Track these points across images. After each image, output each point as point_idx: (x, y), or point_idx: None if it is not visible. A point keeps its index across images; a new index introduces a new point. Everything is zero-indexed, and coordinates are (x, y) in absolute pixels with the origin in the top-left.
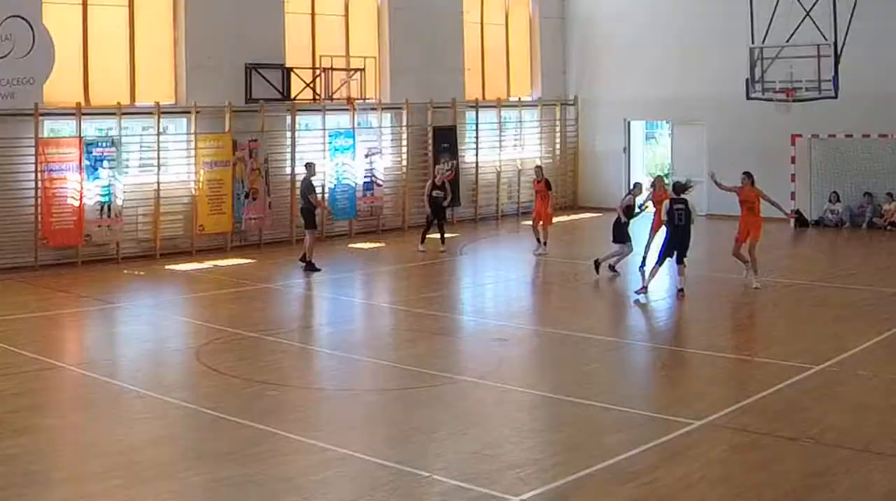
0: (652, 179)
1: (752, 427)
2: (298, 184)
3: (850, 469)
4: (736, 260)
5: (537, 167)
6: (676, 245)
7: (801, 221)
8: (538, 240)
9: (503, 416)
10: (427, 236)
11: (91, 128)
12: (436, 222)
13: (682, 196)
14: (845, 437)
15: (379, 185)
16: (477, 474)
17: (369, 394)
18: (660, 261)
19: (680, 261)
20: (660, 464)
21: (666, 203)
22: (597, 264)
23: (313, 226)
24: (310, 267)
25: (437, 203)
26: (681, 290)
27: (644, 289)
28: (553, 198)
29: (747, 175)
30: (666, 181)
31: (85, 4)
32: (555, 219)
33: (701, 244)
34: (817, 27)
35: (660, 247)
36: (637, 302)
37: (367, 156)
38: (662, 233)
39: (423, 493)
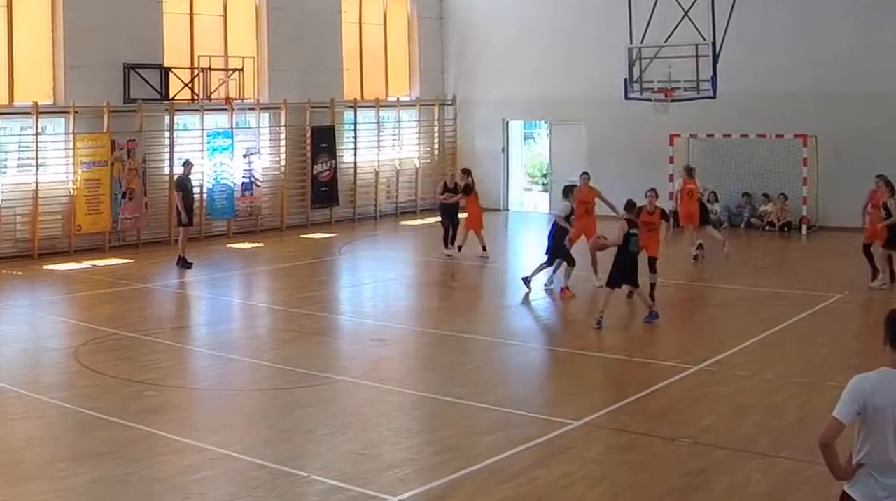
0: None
1: (631, 427)
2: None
3: (729, 469)
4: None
5: (464, 169)
6: (623, 272)
7: (679, 221)
8: (459, 246)
9: (381, 416)
10: (444, 238)
11: None
12: (451, 225)
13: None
14: (724, 437)
15: (257, 185)
16: (355, 474)
17: (248, 394)
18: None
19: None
20: (538, 464)
21: (622, 225)
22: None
23: (187, 222)
24: (182, 264)
25: (449, 206)
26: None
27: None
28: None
29: (586, 175)
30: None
31: None
32: (434, 220)
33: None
34: (696, 27)
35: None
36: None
37: (245, 156)
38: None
39: (302, 493)
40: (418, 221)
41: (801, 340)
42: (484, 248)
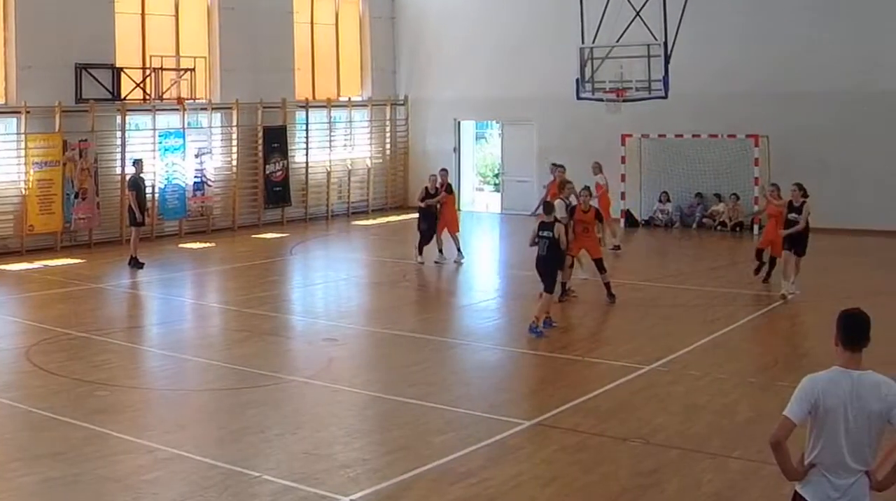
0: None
1: (583, 427)
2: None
3: (681, 470)
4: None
5: (443, 169)
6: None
7: (630, 221)
8: (440, 249)
9: (333, 416)
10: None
11: None
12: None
13: (550, 220)
14: (675, 437)
15: (209, 185)
16: (307, 474)
17: (199, 394)
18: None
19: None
20: (490, 464)
21: (534, 230)
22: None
23: (138, 222)
24: (134, 264)
25: (428, 211)
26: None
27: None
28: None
29: (558, 166)
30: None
31: None
32: (386, 220)
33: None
34: (647, 27)
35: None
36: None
37: (197, 156)
38: None
39: (254, 493)
40: (370, 221)
41: (752, 340)
42: (459, 251)
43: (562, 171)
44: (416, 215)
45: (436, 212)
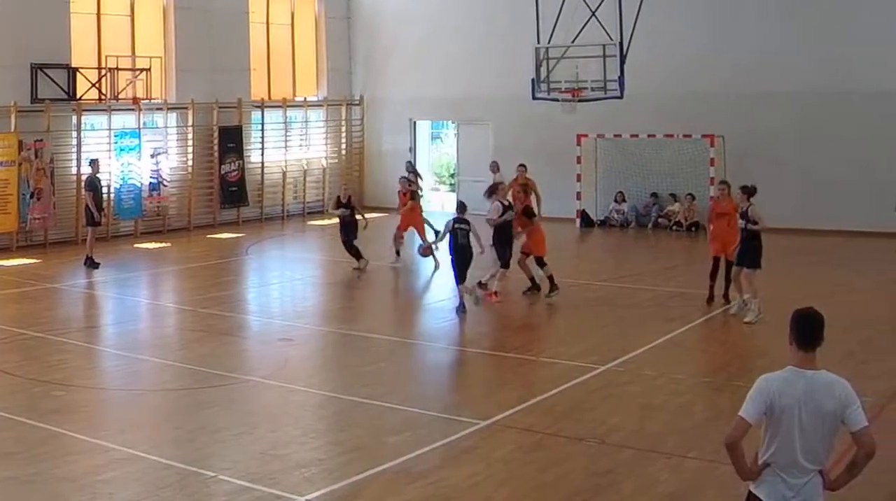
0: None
1: (538, 427)
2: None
3: (636, 469)
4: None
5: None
6: (457, 265)
7: (586, 221)
8: (397, 251)
9: (289, 416)
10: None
11: None
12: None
13: (465, 216)
14: (631, 437)
15: (165, 185)
16: (263, 474)
17: (155, 394)
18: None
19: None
20: (445, 464)
21: (449, 222)
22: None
23: (95, 222)
24: (90, 264)
25: (344, 221)
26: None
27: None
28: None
29: (523, 167)
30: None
31: None
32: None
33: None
34: (603, 27)
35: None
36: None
37: (153, 156)
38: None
39: (210, 493)
40: (325, 221)
41: (708, 340)
42: (398, 253)
43: (523, 171)
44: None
45: (355, 225)
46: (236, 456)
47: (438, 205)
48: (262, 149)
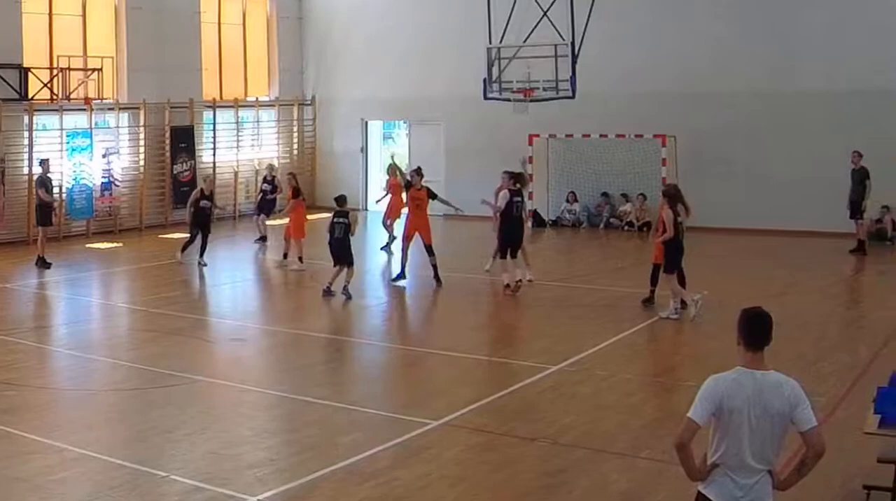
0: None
1: (490, 427)
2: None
3: (588, 469)
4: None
5: (290, 173)
6: (335, 255)
7: (538, 221)
8: (300, 256)
9: (240, 416)
10: (187, 244)
11: None
12: (200, 234)
13: (344, 209)
14: (583, 437)
15: (117, 185)
16: (214, 474)
17: (107, 394)
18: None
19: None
20: (397, 464)
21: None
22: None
23: (46, 222)
24: (41, 264)
25: (205, 214)
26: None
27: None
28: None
29: (417, 172)
30: (400, 168)
31: None
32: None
33: (437, 245)
34: (555, 27)
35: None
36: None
37: (104, 156)
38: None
39: (161, 493)
40: (277, 221)
41: (659, 340)
42: (300, 259)
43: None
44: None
45: (209, 217)
46: (188, 456)
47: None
48: (214, 149)
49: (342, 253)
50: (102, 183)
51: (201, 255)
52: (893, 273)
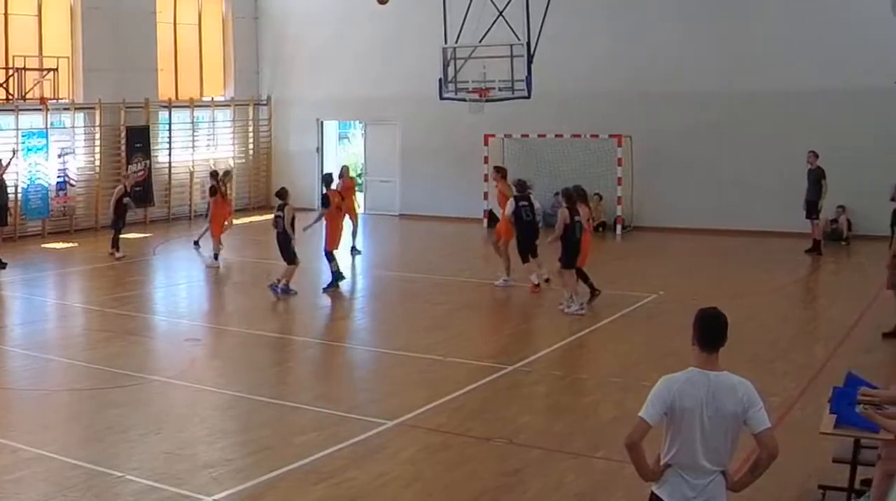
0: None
1: (445, 427)
2: None
3: (543, 469)
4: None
5: (212, 172)
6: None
7: (492, 220)
8: (215, 254)
9: (196, 416)
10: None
11: None
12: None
13: (283, 202)
14: (538, 437)
15: (72, 185)
16: (170, 474)
17: (62, 394)
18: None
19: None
20: (353, 464)
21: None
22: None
23: (1, 222)
24: None
25: (126, 210)
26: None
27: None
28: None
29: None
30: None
31: None
32: (248, 220)
33: (393, 245)
34: (510, 27)
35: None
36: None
37: (60, 156)
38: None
39: (117, 493)
40: (234, 221)
41: (615, 340)
42: (216, 257)
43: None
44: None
45: (125, 211)
46: (144, 456)
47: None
48: (170, 149)
49: (280, 249)
50: (58, 183)
51: (117, 248)
52: (848, 272)
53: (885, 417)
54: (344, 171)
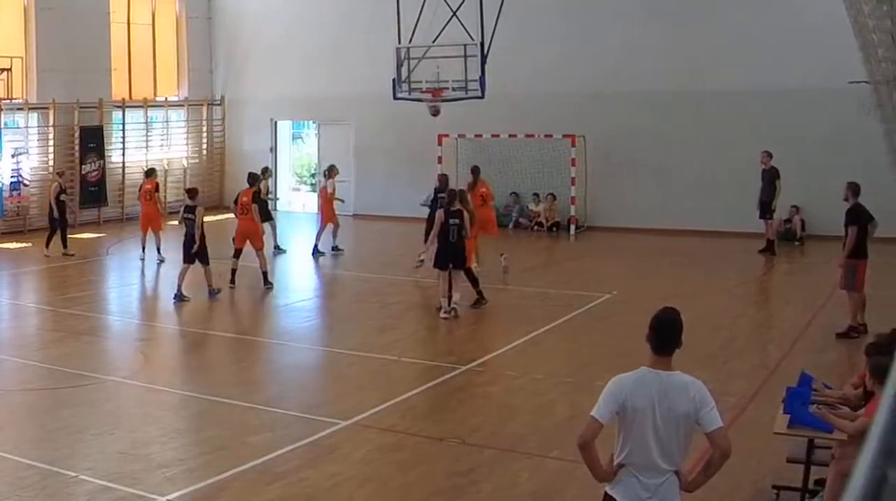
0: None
1: (399, 427)
2: None
3: (497, 469)
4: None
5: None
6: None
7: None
8: (149, 249)
9: (150, 416)
10: (61, 239)
11: None
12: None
13: (193, 203)
14: (491, 437)
15: (26, 185)
16: (124, 473)
17: (15, 394)
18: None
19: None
20: (306, 464)
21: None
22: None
23: None
24: None
25: (63, 208)
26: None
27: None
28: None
29: (251, 177)
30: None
31: None
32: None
33: (348, 245)
34: (464, 27)
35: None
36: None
37: (13, 156)
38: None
39: (71, 493)
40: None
41: (569, 340)
42: (153, 250)
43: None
44: (54, 210)
45: (64, 210)
46: (97, 456)
47: (300, 206)
48: (124, 149)
49: (185, 251)
50: (11, 182)
51: (65, 246)
52: (802, 272)
53: (838, 417)
54: (332, 172)
